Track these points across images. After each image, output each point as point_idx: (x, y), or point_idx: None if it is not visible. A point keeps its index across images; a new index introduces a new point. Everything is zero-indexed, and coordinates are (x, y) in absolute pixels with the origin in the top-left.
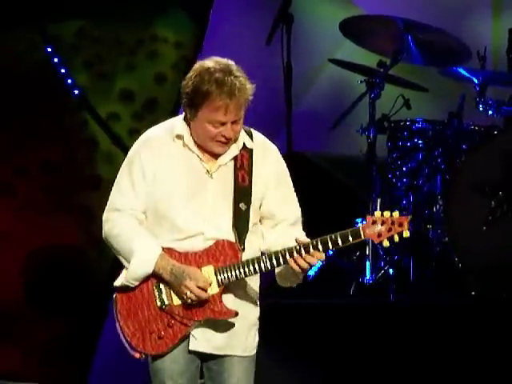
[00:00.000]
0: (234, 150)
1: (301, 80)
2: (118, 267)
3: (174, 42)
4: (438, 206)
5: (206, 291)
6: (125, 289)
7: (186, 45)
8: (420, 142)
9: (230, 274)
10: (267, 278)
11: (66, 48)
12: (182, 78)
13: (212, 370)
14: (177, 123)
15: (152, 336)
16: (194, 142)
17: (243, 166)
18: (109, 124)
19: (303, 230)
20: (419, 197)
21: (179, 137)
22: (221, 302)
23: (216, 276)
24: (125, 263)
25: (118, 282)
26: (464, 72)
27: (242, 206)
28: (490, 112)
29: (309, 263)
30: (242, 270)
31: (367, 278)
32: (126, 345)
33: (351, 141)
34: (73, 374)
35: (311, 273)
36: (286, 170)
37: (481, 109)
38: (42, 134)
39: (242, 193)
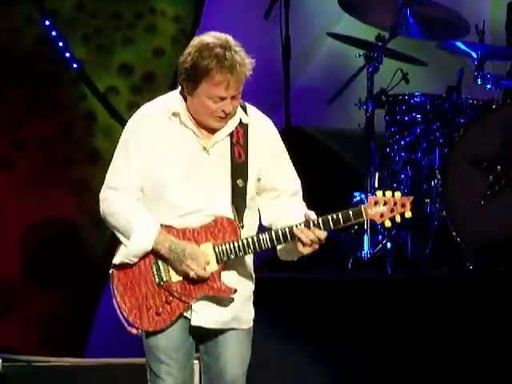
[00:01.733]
0: (231, 125)
1: (299, 54)
2: (115, 240)
3: (173, 15)
4: (435, 181)
5: (205, 269)
6: (123, 265)
7: (185, 18)
8: (418, 116)
9: (229, 252)
10: (262, 251)
11: (64, 21)
12: (181, 52)
13: (208, 345)
14: (172, 99)
15: (149, 312)
16: (190, 118)
17: (239, 141)
18: (107, 98)
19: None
20: (417, 171)
21: (175, 114)
22: (220, 279)
23: (215, 253)
24: (123, 240)
25: (116, 260)
26: (462, 46)
27: (240, 182)
28: (489, 86)
29: (311, 240)
30: (241, 248)
31: (365, 252)
32: (123, 320)
33: (349, 115)
34: (70, 347)
35: None
36: (282, 143)
37: (479, 83)
38: (40, 108)
39: (239, 169)
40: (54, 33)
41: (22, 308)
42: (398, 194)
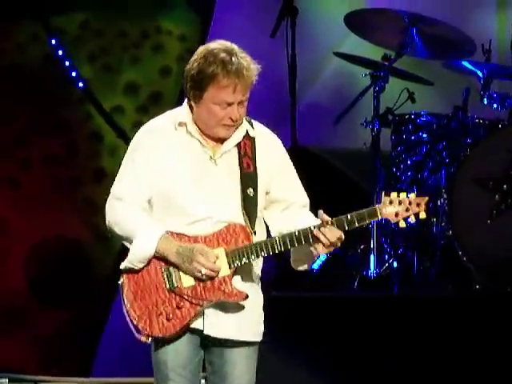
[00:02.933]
0: (237, 136)
1: (305, 73)
2: (122, 260)
3: (178, 34)
4: (442, 200)
5: (215, 269)
6: (131, 272)
7: (191, 37)
8: (424, 135)
9: (241, 255)
10: (269, 271)
11: (70, 40)
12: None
13: (215, 364)
14: (179, 112)
15: (159, 318)
16: (196, 128)
17: (247, 153)
18: (113, 117)
19: None
20: (423, 190)
21: (182, 124)
22: (231, 284)
23: (227, 258)
24: (129, 247)
25: (122, 265)
26: (469, 65)
27: (250, 191)
28: (495, 105)
29: (330, 240)
30: (254, 252)
31: (371, 271)
32: (133, 328)
33: (355, 134)
34: (76, 366)
35: (315, 266)
36: (289, 158)
37: (485, 102)
38: (46, 127)
39: (249, 179)
40: (60, 52)
41: (28, 327)
42: (412, 195)
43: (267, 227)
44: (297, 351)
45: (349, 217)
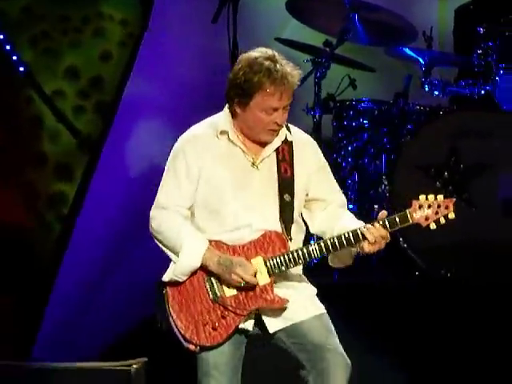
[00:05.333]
0: (277, 141)
1: None
2: (62, 243)
3: (120, 19)
4: (383, 186)
5: (255, 276)
6: (174, 283)
7: (132, 22)
8: (366, 121)
9: (279, 264)
10: None
11: (12, 25)
12: (129, 56)
13: (295, 344)
14: (219, 119)
15: (206, 328)
16: (238, 135)
17: (285, 158)
18: (54, 101)
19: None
20: (364, 176)
21: (223, 132)
22: (272, 291)
23: (266, 266)
24: (173, 258)
25: (166, 277)
26: (410, 52)
27: (287, 197)
28: (436, 92)
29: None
30: (292, 259)
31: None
32: (180, 338)
33: (297, 120)
34: (14, 350)
35: None
36: (325, 159)
37: (426, 89)
38: None
39: (286, 184)
40: (1, 36)
41: None
42: (440, 197)
43: (307, 227)
44: None
45: (381, 222)
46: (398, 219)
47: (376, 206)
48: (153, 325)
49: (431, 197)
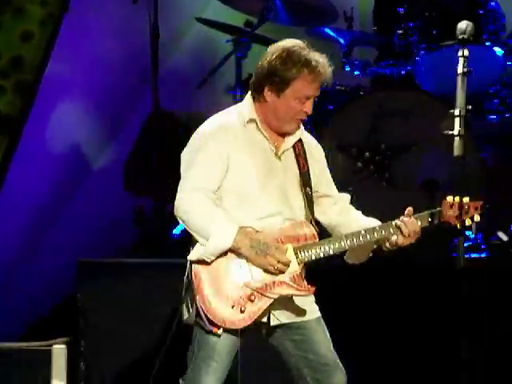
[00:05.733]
0: (298, 134)
1: (167, 39)
2: None
3: (40, 0)
4: None
5: (288, 263)
6: (201, 264)
7: (52, 2)
8: None
9: (309, 253)
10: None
11: None
12: (49, 35)
13: (296, 341)
14: (244, 108)
15: (233, 310)
16: (264, 125)
17: (300, 153)
18: None
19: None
20: None
21: (251, 121)
22: (302, 279)
23: (295, 255)
24: (200, 239)
25: (193, 256)
26: (330, 32)
27: (308, 190)
28: (357, 72)
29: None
30: (321, 249)
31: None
32: (205, 319)
33: (218, 100)
34: None
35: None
36: None
37: (347, 69)
38: None
39: (306, 178)
40: None
41: None
42: (466, 199)
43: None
44: None
45: (416, 217)
46: (430, 216)
47: None
48: (74, 305)
49: (457, 198)
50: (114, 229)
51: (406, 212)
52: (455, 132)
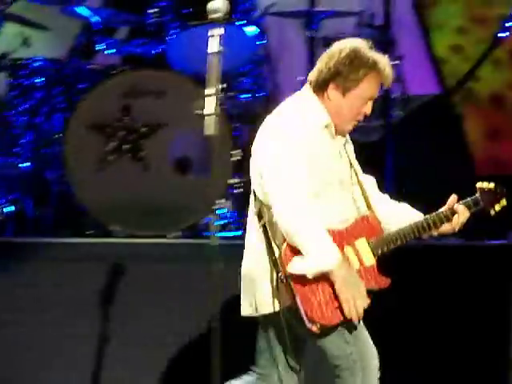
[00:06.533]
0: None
1: None
2: None
3: None
4: (57, 146)
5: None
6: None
7: None
8: (39, 80)
9: (383, 246)
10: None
11: None
12: None
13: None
14: (317, 110)
15: (328, 306)
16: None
17: (346, 152)
18: None
19: None
20: (38, 136)
21: (328, 126)
22: (379, 272)
23: (370, 247)
24: (302, 250)
25: (293, 270)
26: (84, 11)
27: (361, 182)
28: (109, 51)
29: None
30: (392, 240)
31: None
32: (304, 318)
33: None
34: None
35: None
36: None
37: (100, 47)
38: None
39: (357, 175)
40: None
41: None
42: (492, 185)
43: None
44: None
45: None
46: (474, 204)
47: (49, 165)
48: None
49: (488, 184)
50: None
51: (450, 199)
52: (207, 111)
